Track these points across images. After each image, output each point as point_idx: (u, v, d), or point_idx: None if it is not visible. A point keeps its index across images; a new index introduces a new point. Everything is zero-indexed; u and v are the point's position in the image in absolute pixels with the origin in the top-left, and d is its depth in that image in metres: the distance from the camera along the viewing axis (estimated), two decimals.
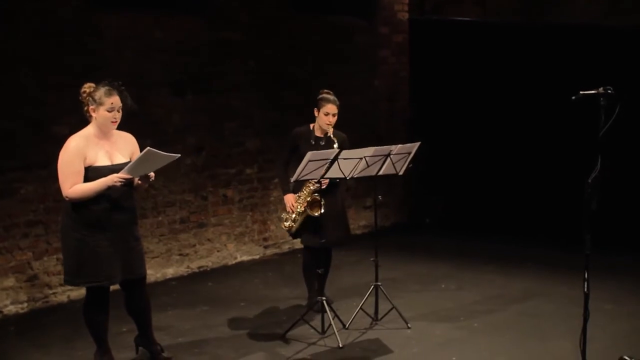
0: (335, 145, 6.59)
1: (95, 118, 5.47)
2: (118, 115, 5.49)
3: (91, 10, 7.51)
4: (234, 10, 8.72)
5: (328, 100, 6.73)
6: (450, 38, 10.59)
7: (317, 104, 6.77)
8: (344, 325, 6.65)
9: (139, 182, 5.54)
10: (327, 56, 9.67)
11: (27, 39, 7.10)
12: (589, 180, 5.14)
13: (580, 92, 5.19)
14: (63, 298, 7.49)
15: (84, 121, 7.20)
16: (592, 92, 5.19)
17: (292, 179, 6.39)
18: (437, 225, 10.59)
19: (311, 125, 6.90)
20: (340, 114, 6.82)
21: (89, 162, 5.40)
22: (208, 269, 8.66)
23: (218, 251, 8.80)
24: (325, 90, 6.85)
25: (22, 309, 7.24)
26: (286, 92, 9.19)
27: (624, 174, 8.78)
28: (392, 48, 10.55)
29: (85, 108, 5.53)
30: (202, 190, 8.59)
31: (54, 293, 7.44)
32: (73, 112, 7.36)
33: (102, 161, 5.44)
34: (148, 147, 5.32)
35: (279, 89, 9.16)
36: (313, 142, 6.80)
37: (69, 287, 7.47)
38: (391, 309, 6.80)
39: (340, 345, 6.26)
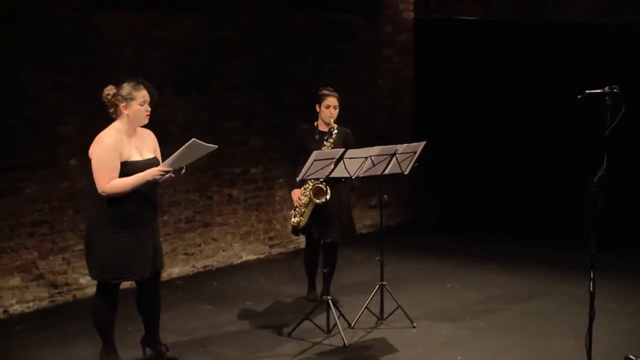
0: (334, 134, 6.76)
1: (128, 115, 5.49)
2: (149, 109, 5.55)
3: (91, 10, 7.52)
4: (235, 9, 8.72)
5: (327, 94, 6.91)
6: (454, 37, 10.60)
7: (318, 99, 6.93)
8: (349, 325, 6.65)
9: (172, 174, 5.56)
10: (329, 55, 9.67)
11: (27, 38, 7.10)
12: (595, 180, 5.13)
13: (586, 91, 5.19)
14: (69, 297, 7.51)
15: (87, 120, 7.26)
16: (598, 91, 5.19)
17: (298, 178, 6.41)
18: (442, 225, 10.59)
19: (315, 123, 7.01)
20: (343, 113, 6.88)
21: (124, 158, 5.44)
22: (213, 268, 8.67)
23: (223, 250, 8.81)
24: (325, 88, 6.96)
25: (28, 308, 7.25)
26: (288, 91, 9.20)
27: (627, 173, 8.78)
28: (396, 47, 10.56)
29: (112, 109, 5.54)
30: (207, 189, 8.60)
31: (59, 292, 7.45)
32: (75, 111, 7.43)
33: (135, 156, 5.51)
34: (193, 138, 5.39)
35: (280, 88, 9.17)
36: (317, 137, 6.91)
37: (75, 287, 7.52)
38: (396, 308, 6.81)
39: (346, 345, 6.26)
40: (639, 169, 9.14)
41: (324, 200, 6.64)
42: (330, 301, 6.51)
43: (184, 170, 5.65)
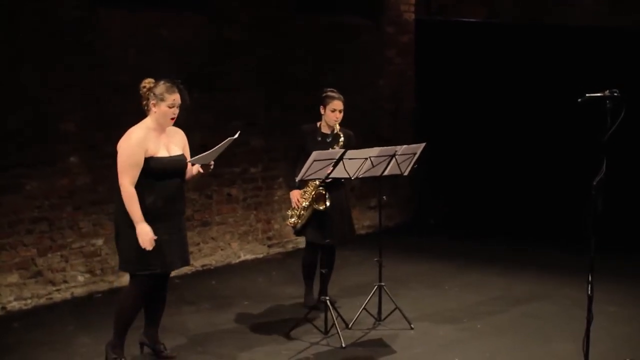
0: (341, 140, 6.67)
1: (155, 112, 5.61)
2: (176, 112, 5.67)
3: (93, 9, 7.52)
4: (237, 9, 8.72)
5: (334, 97, 6.80)
6: (456, 39, 10.60)
7: (323, 101, 6.83)
8: (347, 325, 6.65)
9: (200, 170, 5.80)
10: (331, 55, 9.67)
11: (29, 37, 7.10)
12: (594, 183, 5.13)
13: (586, 95, 5.18)
14: (67, 295, 7.50)
15: (87, 119, 7.26)
16: (598, 94, 5.18)
17: (297, 179, 6.40)
18: (441, 226, 10.59)
19: (317, 123, 6.95)
20: (345, 114, 6.86)
21: (150, 153, 5.54)
22: (212, 267, 8.67)
23: (222, 250, 8.80)
24: (329, 89, 6.90)
25: (26, 305, 7.25)
26: (290, 91, 9.19)
27: (627, 176, 8.78)
28: (397, 48, 10.55)
29: (145, 102, 5.66)
30: (206, 188, 8.60)
31: (57, 290, 7.45)
32: (76, 109, 7.43)
33: (162, 153, 5.61)
34: (229, 137, 5.71)
35: (281, 88, 9.16)
36: (320, 139, 6.86)
37: (73, 284, 7.51)
38: (394, 309, 6.80)
39: (343, 345, 6.25)
40: (639, 172, 9.13)
41: (323, 207, 6.63)
42: (328, 302, 6.50)
43: (212, 166, 5.86)
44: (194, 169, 5.84)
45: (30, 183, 7.21)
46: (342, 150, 6.30)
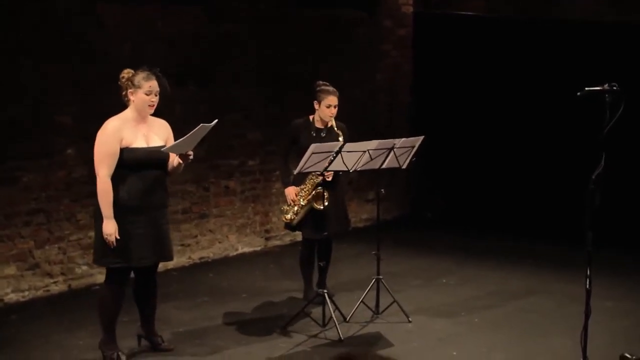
0: (341, 139, 6.61)
1: (133, 101, 5.58)
2: (155, 99, 5.62)
3: (92, 2, 7.50)
4: (235, 2, 8.70)
5: (328, 92, 6.72)
6: (454, 32, 10.57)
7: (317, 96, 6.75)
8: (344, 319, 6.65)
9: (180, 161, 5.68)
10: (328, 49, 9.64)
11: (27, 29, 7.08)
12: (593, 177, 5.13)
13: (585, 89, 5.18)
14: (64, 287, 7.49)
15: (85, 111, 7.25)
16: (597, 88, 5.18)
17: (295, 171, 6.39)
18: (439, 220, 10.58)
19: (310, 117, 6.88)
20: (341, 108, 6.81)
21: (125, 144, 5.50)
22: (209, 260, 8.66)
23: (219, 242, 8.80)
24: (322, 82, 6.83)
25: (23, 297, 7.24)
26: (287, 84, 9.17)
27: (625, 171, 8.77)
28: (395, 42, 10.53)
29: (124, 92, 5.64)
30: (204, 181, 8.59)
31: (55, 282, 7.44)
32: (74, 102, 7.42)
33: (139, 143, 5.56)
34: (201, 124, 5.52)
35: (279, 81, 9.14)
36: (314, 134, 6.79)
37: (70, 276, 7.50)
38: (392, 302, 6.80)
39: (341, 338, 6.26)
40: (637, 166, 9.13)
41: (322, 207, 6.61)
42: (326, 295, 6.50)
43: (191, 156, 5.71)
44: (174, 161, 5.74)
45: (27, 175, 7.20)
46: (341, 142, 6.29)
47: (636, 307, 7.13)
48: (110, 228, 5.45)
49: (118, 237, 5.46)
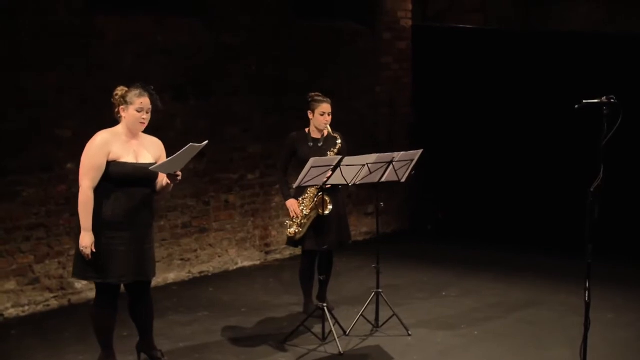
0: (338, 142, 6.66)
1: (125, 118, 5.53)
2: (147, 117, 5.55)
3: (92, 13, 7.52)
4: (235, 14, 8.73)
5: (321, 101, 6.78)
6: (452, 45, 10.61)
7: (310, 105, 6.80)
8: (344, 332, 6.64)
9: (168, 181, 5.57)
10: (328, 61, 9.68)
11: (27, 41, 7.10)
12: (591, 189, 5.13)
13: (584, 101, 5.19)
14: (64, 302, 7.49)
15: (85, 124, 7.24)
16: (595, 101, 5.19)
17: (295, 185, 6.39)
18: (438, 232, 10.59)
19: (306, 130, 6.92)
20: (340, 120, 6.84)
21: (113, 157, 5.44)
22: (209, 274, 8.66)
23: (219, 256, 8.80)
24: (314, 93, 6.87)
25: (23, 312, 7.24)
26: (287, 97, 9.19)
27: (624, 183, 8.78)
28: (394, 54, 10.56)
29: (116, 110, 5.59)
30: (204, 195, 8.60)
31: (55, 297, 7.44)
32: (74, 115, 7.43)
33: (128, 158, 5.49)
34: (190, 143, 5.39)
35: (279, 94, 9.17)
36: (311, 144, 6.83)
37: (70, 291, 7.50)
38: (392, 316, 6.80)
39: (341, 352, 6.25)
40: (636, 178, 9.14)
41: (327, 212, 6.61)
42: (325, 308, 6.50)
43: (179, 177, 5.62)
44: (163, 181, 5.63)
45: (27, 190, 7.21)
46: (340, 156, 6.30)
47: (636, 318, 7.12)
48: (86, 241, 5.38)
49: (94, 251, 5.39)
